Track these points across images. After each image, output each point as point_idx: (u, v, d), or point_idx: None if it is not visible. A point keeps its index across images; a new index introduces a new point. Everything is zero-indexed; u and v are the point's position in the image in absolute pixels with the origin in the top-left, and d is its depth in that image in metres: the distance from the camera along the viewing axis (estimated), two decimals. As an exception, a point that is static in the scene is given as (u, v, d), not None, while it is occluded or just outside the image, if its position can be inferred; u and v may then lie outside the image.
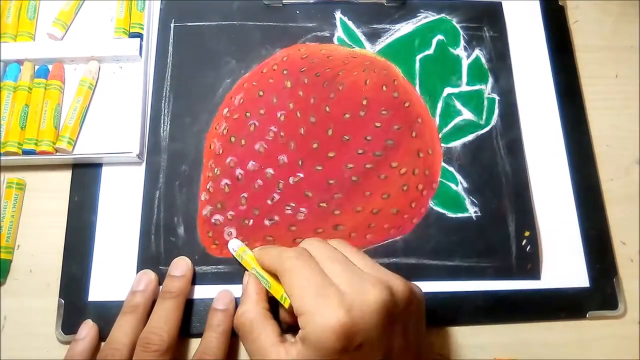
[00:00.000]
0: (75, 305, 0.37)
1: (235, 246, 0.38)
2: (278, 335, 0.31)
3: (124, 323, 0.35)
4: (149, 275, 0.37)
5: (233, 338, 0.36)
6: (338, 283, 0.30)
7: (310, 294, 0.29)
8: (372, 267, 0.32)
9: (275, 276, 0.34)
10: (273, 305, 0.34)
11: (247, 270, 0.36)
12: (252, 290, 0.34)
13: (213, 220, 0.39)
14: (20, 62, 0.42)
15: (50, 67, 0.42)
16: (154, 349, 0.33)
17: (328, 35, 0.45)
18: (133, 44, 0.42)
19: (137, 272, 0.38)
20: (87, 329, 0.36)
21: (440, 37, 0.45)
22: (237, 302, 0.37)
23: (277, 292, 0.33)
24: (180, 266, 0.38)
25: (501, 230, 0.41)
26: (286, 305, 0.32)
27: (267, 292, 0.34)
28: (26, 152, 0.40)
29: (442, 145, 0.42)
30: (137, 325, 0.34)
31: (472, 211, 0.41)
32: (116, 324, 0.35)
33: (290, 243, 0.39)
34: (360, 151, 0.41)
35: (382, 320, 0.29)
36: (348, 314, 0.28)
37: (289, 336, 0.32)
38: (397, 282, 0.31)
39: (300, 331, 0.30)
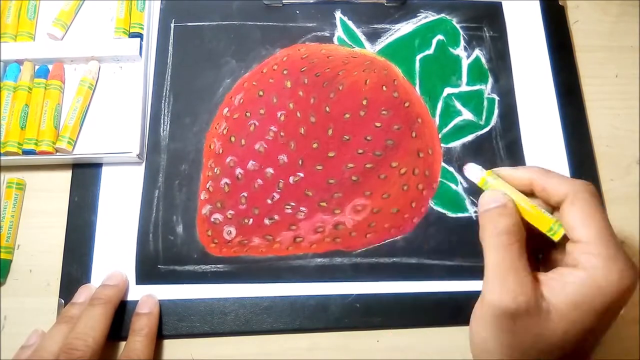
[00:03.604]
0: (75, 305, 0.37)
1: (478, 175, 0.31)
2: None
3: (55, 332, 0.34)
4: (91, 289, 0.37)
5: (158, 340, 0.37)
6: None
7: (610, 238, 0.27)
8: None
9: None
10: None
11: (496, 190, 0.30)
12: (513, 209, 0.29)
13: (212, 219, 0.39)
14: (20, 62, 0.42)
15: (50, 67, 0.42)
16: (78, 355, 0.32)
17: (328, 35, 0.45)
18: (133, 44, 0.42)
19: (136, 272, 0.38)
20: (36, 337, 0.36)
21: (440, 37, 0.45)
22: (160, 305, 0.37)
23: (544, 222, 0.29)
24: (115, 277, 0.37)
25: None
26: (556, 239, 0.29)
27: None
28: (26, 152, 0.40)
29: (442, 145, 0.42)
30: (69, 335, 0.34)
31: (472, 211, 0.41)
32: (47, 333, 0.35)
33: (291, 242, 0.39)
34: (360, 151, 0.41)
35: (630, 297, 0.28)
36: (636, 281, 0.27)
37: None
38: None
39: (574, 270, 0.27)
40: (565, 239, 0.29)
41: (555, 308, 0.27)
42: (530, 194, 0.31)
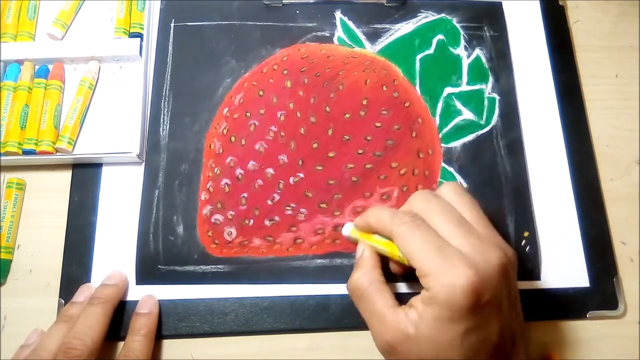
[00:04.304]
0: (75, 305, 0.37)
1: (348, 231, 0.37)
2: (395, 301, 0.31)
3: (55, 330, 0.34)
4: (91, 288, 0.37)
5: (157, 340, 0.37)
6: (456, 245, 0.30)
7: (431, 254, 0.29)
8: (485, 226, 0.32)
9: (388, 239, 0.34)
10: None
11: (360, 242, 0.36)
12: (367, 257, 0.34)
13: (213, 220, 0.39)
14: (20, 62, 0.42)
15: (50, 67, 0.42)
16: (75, 354, 0.32)
17: (328, 35, 0.45)
18: (133, 44, 0.42)
19: (136, 272, 0.38)
20: (35, 336, 0.36)
21: (440, 36, 0.45)
22: (160, 305, 0.37)
23: (394, 253, 0.33)
24: (114, 276, 0.38)
25: (501, 231, 0.40)
26: (407, 263, 0.32)
27: (382, 257, 0.34)
28: (26, 152, 0.40)
29: (442, 145, 0.42)
30: (67, 334, 0.34)
31: (472, 211, 0.41)
32: (47, 332, 0.35)
33: (291, 243, 0.39)
34: (360, 151, 0.41)
35: (503, 282, 0.30)
36: (475, 272, 0.28)
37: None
38: (508, 248, 0.31)
39: (424, 292, 0.29)
40: None
41: (420, 331, 0.29)
42: None
